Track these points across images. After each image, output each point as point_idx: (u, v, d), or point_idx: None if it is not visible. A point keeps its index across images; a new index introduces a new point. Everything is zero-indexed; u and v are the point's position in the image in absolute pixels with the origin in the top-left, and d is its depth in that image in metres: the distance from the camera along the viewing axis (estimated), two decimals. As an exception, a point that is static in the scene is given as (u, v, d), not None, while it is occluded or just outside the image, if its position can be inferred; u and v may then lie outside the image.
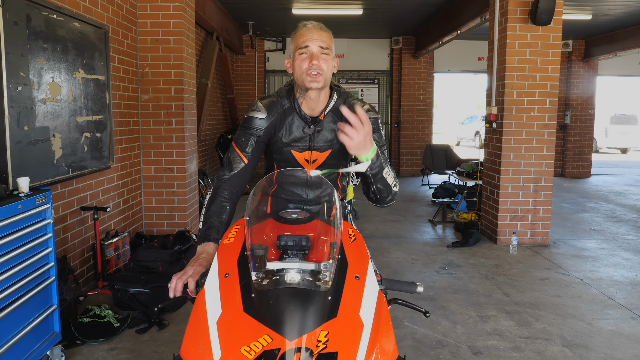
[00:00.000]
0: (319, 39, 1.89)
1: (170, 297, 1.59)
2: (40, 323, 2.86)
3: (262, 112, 1.97)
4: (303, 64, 1.88)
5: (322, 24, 1.95)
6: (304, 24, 1.93)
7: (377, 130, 1.97)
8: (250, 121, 1.97)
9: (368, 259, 1.52)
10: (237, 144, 1.97)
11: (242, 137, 1.98)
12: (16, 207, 2.64)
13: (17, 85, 3.28)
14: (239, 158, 1.95)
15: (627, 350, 3.41)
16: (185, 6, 5.55)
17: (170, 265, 4.38)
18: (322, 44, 1.89)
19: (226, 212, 1.88)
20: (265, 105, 1.99)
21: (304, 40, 1.89)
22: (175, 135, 5.59)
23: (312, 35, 1.88)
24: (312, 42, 1.88)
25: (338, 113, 1.97)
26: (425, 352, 3.34)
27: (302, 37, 1.89)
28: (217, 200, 1.89)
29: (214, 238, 1.77)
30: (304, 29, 1.91)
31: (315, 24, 1.92)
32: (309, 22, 1.94)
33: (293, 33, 1.96)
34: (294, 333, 1.19)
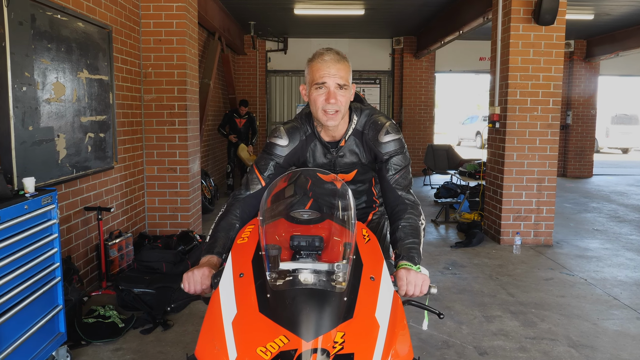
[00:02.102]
0: (337, 74, 1.80)
1: (184, 293, 1.59)
2: (46, 323, 2.85)
3: (284, 140, 1.97)
4: (319, 100, 1.83)
5: (340, 53, 1.86)
6: (321, 55, 1.83)
7: (401, 151, 1.92)
8: (271, 147, 1.98)
9: (383, 259, 1.52)
10: (258, 166, 1.98)
11: (263, 161, 1.98)
12: (22, 208, 2.63)
13: (22, 85, 3.27)
14: (257, 180, 1.95)
15: (634, 351, 3.40)
16: (188, 6, 5.55)
17: (174, 265, 4.37)
18: (340, 80, 1.81)
19: (234, 230, 1.87)
20: (288, 131, 1.98)
21: (321, 75, 1.80)
22: (178, 135, 5.58)
23: (330, 71, 1.80)
24: (329, 79, 1.80)
25: (359, 135, 1.96)
26: (431, 353, 3.33)
27: (319, 72, 1.81)
28: (228, 217, 1.89)
29: (217, 252, 1.77)
30: (322, 62, 1.81)
31: (333, 56, 1.82)
32: (326, 52, 1.84)
33: (309, 60, 1.88)
34: (310, 334, 1.19)
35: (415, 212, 1.88)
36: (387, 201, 1.93)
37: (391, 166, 1.91)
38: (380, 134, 1.89)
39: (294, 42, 12.02)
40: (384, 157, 1.91)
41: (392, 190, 1.90)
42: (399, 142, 1.92)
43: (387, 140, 1.90)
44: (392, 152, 1.91)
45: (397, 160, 1.91)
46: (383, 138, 1.90)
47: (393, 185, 1.90)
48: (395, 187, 1.90)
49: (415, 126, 12.28)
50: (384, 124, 1.93)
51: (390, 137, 1.90)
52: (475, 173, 7.51)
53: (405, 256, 1.73)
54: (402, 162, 1.92)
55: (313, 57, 1.86)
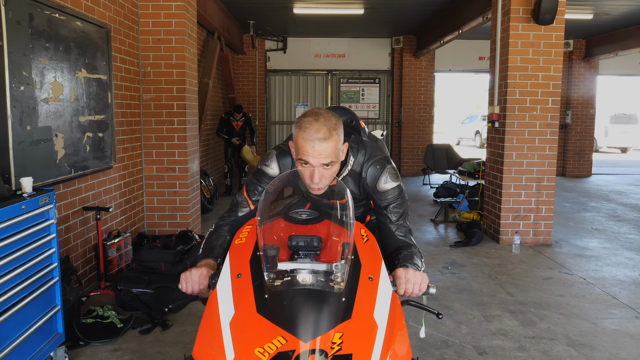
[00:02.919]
0: (322, 154, 1.67)
1: (182, 294, 1.58)
2: (44, 324, 2.84)
3: (275, 169, 1.93)
4: (304, 174, 1.75)
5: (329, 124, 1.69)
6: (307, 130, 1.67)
7: (400, 197, 1.89)
8: (262, 175, 1.95)
9: (381, 259, 1.51)
10: (248, 191, 1.97)
11: (252, 186, 1.96)
12: (20, 208, 2.62)
13: (20, 85, 3.26)
14: (245, 203, 1.95)
15: (633, 350, 3.40)
16: (187, 5, 5.54)
17: (173, 265, 4.37)
18: (325, 160, 1.69)
19: (226, 242, 1.85)
20: (279, 159, 1.93)
21: (305, 154, 1.69)
22: (177, 135, 5.57)
23: (314, 152, 1.67)
24: (314, 159, 1.69)
25: (356, 176, 1.90)
26: (430, 352, 3.33)
27: (303, 150, 1.69)
28: (217, 232, 1.89)
29: (213, 256, 1.76)
30: (306, 142, 1.67)
31: (319, 134, 1.66)
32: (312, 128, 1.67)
33: (297, 126, 1.72)
34: (308, 334, 1.18)
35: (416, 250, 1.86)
36: (387, 242, 1.90)
37: (390, 213, 1.88)
38: (379, 181, 1.85)
39: (294, 41, 12.01)
40: (383, 203, 1.89)
41: (395, 236, 1.89)
42: (398, 188, 1.89)
43: (387, 188, 1.87)
44: (391, 199, 1.88)
45: (397, 208, 1.88)
46: (383, 186, 1.86)
47: (395, 232, 1.89)
48: (398, 235, 1.89)
49: (414, 125, 12.28)
50: (384, 168, 1.88)
51: (390, 185, 1.86)
52: (474, 172, 7.51)
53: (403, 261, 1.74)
54: (401, 209, 1.89)
55: (300, 126, 1.71)
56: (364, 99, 12.48)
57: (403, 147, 12.34)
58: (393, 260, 1.82)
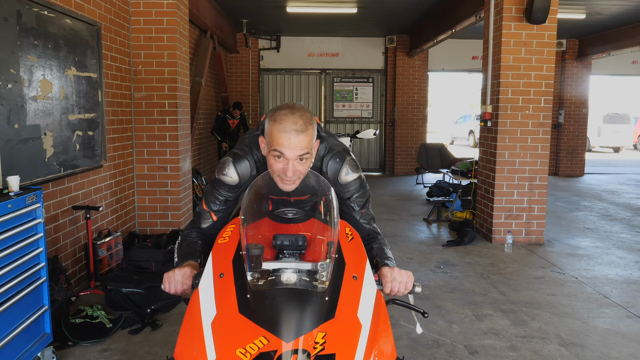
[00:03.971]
0: (298, 146, 1.64)
1: (165, 294, 1.56)
2: (31, 324, 2.81)
3: (233, 178, 1.84)
4: (275, 166, 1.70)
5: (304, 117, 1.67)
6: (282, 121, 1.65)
7: (361, 187, 1.90)
8: (220, 185, 1.87)
9: (366, 258, 1.50)
10: (207, 202, 1.88)
11: (212, 196, 1.88)
12: (6, 207, 2.59)
13: (7, 83, 3.23)
14: (208, 215, 1.88)
15: (623, 349, 3.40)
16: (179, 3, 5.50)
17: (164, 265, 4.34)
18: (301, 151, 1.66)
19: (199, 246, 1.82)
20: (237, 166, 1.84)
21: (280, 145, 1.65)
22: (168, 133, 5.54)
23: (290, 143, 1.64)
24: (289, 152, 1.65)
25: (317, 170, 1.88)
26: (421, 352, 3.32)
27: (278, 141, 1.65)
28: (186, 240, 1.85)
29: (193, 258, 1.73)
30: (282, 133, 1.63)
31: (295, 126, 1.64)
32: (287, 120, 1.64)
33: (270, 119, 1.69)
34: (290, 334, 1.17)
35: (382, 239, 1.91)
36: None
37: (354, 203, 1.91)
38: (340, 174, 1.85)
39: (287, 40, 11.99)
40: (345, 195, 1.90)
41: (360, 225, 1.92)
42: (359, 179, 1.90)
43: (349, 180, 1.87)
44: (353, 190, 1.89)
45: (359, 198, 1.90)
46: (344, 179, 1.86)
47: (360, 221, 1.92)
48: (363, 223, 1.92)
49: (408, 125, 12.29)
50: (344, 160, 1.88)
51: (351, 176, 1.87)
52: (467, 172, 7.51)
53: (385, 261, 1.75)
54: (363, 198, 1.91)
55: (275, 119, 1.67)
56: (357, 98, 12.47)
57: (396, 147, 12.35)
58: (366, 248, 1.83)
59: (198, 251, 1.79)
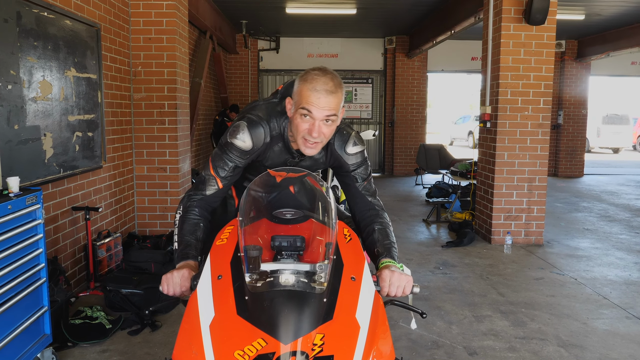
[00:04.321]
0: (327, 106, 1.68)
1: (164, 296, 1.56)
2: (31, 325, 2.81)
3: (247, 142, 1.81)
4: (302, 126, 1.72)
5: (335, 80, 1.71)
6: (314, 81, 1.68)
7: (365, 161, 1.96)
8: (231, 148, 1.82)
9: (364, 259, 1.50)
10: (214, 166, 1.83)
11: (221, 161, 1.83)
12: (6, 208, 2.59)
13: (7, 84, 3.23)
14: (214, 181, 1.83)
15: (623, 350, 3.41)
16: (178, 4, 5.51)
17: (163, 265, 4.34)
18: (329, 112, 1.70)
19: (201, 230, 1.79)
20: (252, 132, 1.82)
21: (309, 104, 1.68)
22: (168, 134, 5.55)
23: (320, 102, 1.67)
24: (318, 111, 1.68)
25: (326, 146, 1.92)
26: (420, 353, 3.32)
27: (308, 99, 1.68)
28: (189, 219, 1.79)
29: (192, 256, 1.70)
30: (313, 92, 1.67)
31: (327, 86, 1.67)
32: (320, 79, 1.68)
33: (301, 79, 1.72)
34: (289, 336, 1.17)
35: (385, 216, 1.96)
36: (357, 207, 1.97)
37: (358, 175, 1.96)
38: (347, 144, 1.91)
39: (286, 41, 11.99)
40: (350, 167, 1.94)
41: (362, 196, 1.96)
42: (363, 153, 1.96)
43: (354, 152, 1.93)
44: (358, 162, 1.94)
45: (363, 171, 1.96)
46: (350, 149, 1.92)
47: (362, 192, 1.96)
48: (365, 194, 1.97)
49: (407, 126, 12.29)
50: (350, 134, 1.94)
51: (357, 148, 1.93)
52: (466, 172, 7.52)
53: (386, 254, 1.77)
54: (366, 172, 1.97)
55: (305, 78, 1.71)
56: (356, 99, 12.48)
57: (396, 147, 12.35)
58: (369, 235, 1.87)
59: (199, 240, 1.76)
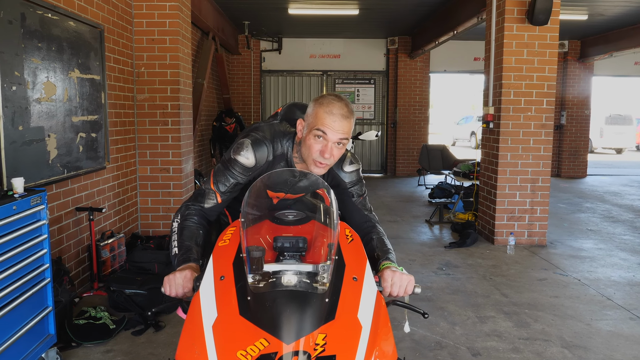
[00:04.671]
0: (341, 129, 1.76)
1: (166, 297, 1.57)
2: (35, 325, 2.82)
3: (250, 160, 1.84)
4: (314, 148, 1.78)
5: (349, 107, 1.80)
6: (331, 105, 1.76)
7: (361, 180, 2.03)
8: (234, 165, 1.85)
9: (366, 259, 1.50)
10: (216, 181, 1.86)
11: (223, 176, 1.86)
12: (10, 208, 2.60)
13: (12, 85, 3.25)
14: (213, 195, 1.85)
15: (627, 351, 3.40)
16: (181, 5, 5.52)
17: (166, 266, 4.36)
18: (343, 135, 1.77)
19: (200, 237, 1.79)
20: (255, 150, 1.85)
21: (325, 126, 1.75)
22: (171, 135, 5.56)
23: (335, 126, 1.75)
24: (333, 134, 1.76)
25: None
26: (424, 354, 3.32)
27: (324, 122, 1.75)
28: (188, 226, 1.80)
29: (194, 259, 1.69)
30: (330, 115, 1.75)
31: (343, 111, 1.76)
32: (337, 104, 1.77)
33: (317, 102, 1.80)
34: (291, 336, 1.18)
35: (381, 229, 2.02)
36: (353, 220, 2.04)
37: (354, 193, 2.03)
38: (344, 163, 1.99)
39: (289, 42, 12.00)
40: (347, 185, 2.02)
41: (359, 210, 2.03)
42: (359, 172, 2.04)
43: (351, 170, 2.01)
44: (354, 181, 2.02)
45: (358, 189, 2.03)
46: (347, 168, 2.00)
47: (359, 207, 2.04)
48: (362, 209, 2.04)
49: (409, 126, 12.29)
50: (346, 154, 2.00)
51: (353, 167, 2.01)
52: (469, 173, 7.51)
53: (386, 257, 1.80)
54: (362, 190, 2.05)
55: (322, 102, 1.79)
56: (359, 100, 12.48)
57: (398, 148, 12.35)
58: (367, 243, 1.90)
59: (199, 245, 1.77)
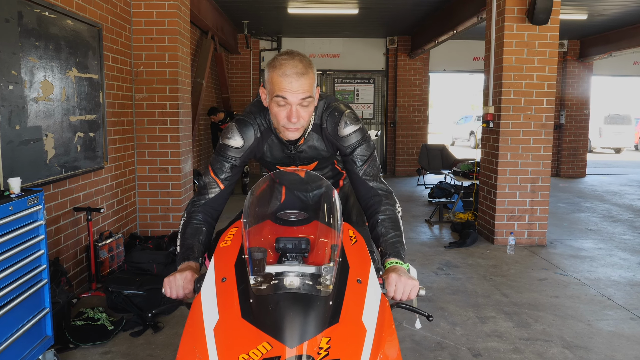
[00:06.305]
0: (300, 89, 1.65)
1: (166, 298, 1.55)
2: (32, 327, 2.79)
3: (238, 140, 1.83)
4: (280, 115, 1.71)
5: (304, 61, 1.69)
6: (283, 66, 1.66)
7: (363, 140, 1.84)
8: (225, 149, 1.85)
9: (370, 261, 1.48)
10: (213, 169, 1.87)
11: (218, 163, 1.86)
12: (7, 209, 2.57)
13: (9, 84, 3.22)
14: (214, 183, 1.85)
15: (628, 352, 3.38)
16: (180, 4, 5.49)
17: (165, 267, 4.33)
18: (303, 94, 1.66)
19: (203, 234, 1.78)
20: (241, 130, 1.84)
21: (282, 90, 1.66)
22: (170, 135, 5.53)
23: (292, 86, 1.65)
24: (291, 95, 1.66)
25: (319, 129, 1.88)
26: (424, 355, 3.30)
27: (280, 86, 1.66)
28: (192, 224, 1.80)
29: (194, 257, 1.69)
30: (283, 77, 1.65)
31: (296, 69, 1.65)
32: (288, 63, 1.66)
33: (270, 66, 1.71)
34: (294, 340, 1.15)
35: (390, 201, 1.83)
36: (359, 194, 1.87)
37: (357, 158, 1.84)
38: (339, 127, 1.82)
39: (288, 41, 11.98)
40: (347, 150, 1.84)
41: (363, 182, 1.84)
42: (360, 132, 1.84)
43: (348, 132, 1.82)
44: (354, 144, 1.83)
45: (362, 151, 1.84)
46: (343, 131, 1.82)
47: (363, 177, 1.84)
48: (366, 179, 1.84)
49: (409, 126, 12.27)
50: (342, 113, 1.84)
51: (350, 128, 1.82)
52: (469, 173, 7.49)
53: (391, 253, 1.68)
54: (366, 152, 1.84)
55: (274, 65, 1.68)
56: (358, 99, 12.46)
57: (398, 148, 12.33)
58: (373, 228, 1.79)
59: (202, 244, 1.76)
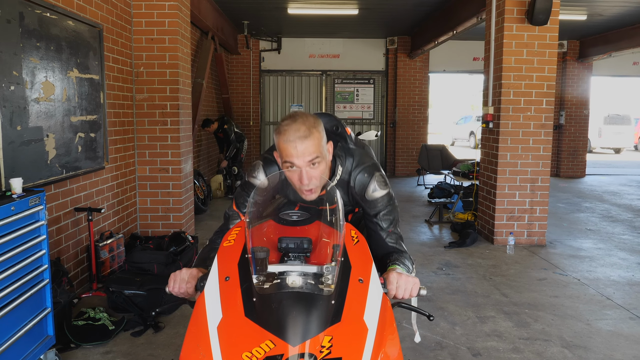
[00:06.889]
0: (305, 152, 1.66)
1: (169, 297, 1.56)
2: (34, 327, 2.80)
3: (263, 182, 1.88)
4: (293, 178, 1.73)
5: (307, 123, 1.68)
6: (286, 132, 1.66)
7: (389, 204, 1.85)
8: (249, 187, 1.92)
9: (371, 261, 1.49)
10: (237, 203, 1.96)
11: (242, 198, 1.95)
12: (9, 209, 2.59)
13: (10, 85, 3.23)
14: (237, 216, 1.95)
15: (627, 351, 3.40)
16: (180, 5, 5.51)
17: (165, 267, 4.33)
18: (310, 156, 1.67)
19: None
20: (266, 169, 1.90)
21: (289, 156, 1.67)
22: (170, 135, 5.54)
23: (297, 152, 1.65)
24: (298, 160, 1.67)
25: (345, 184, 1.87)
26: (424, 354, 3.31)
27: (286, 152, 1.67)
28: (210, 246, 1.89)
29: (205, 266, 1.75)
30: (287, 143, 1.65)
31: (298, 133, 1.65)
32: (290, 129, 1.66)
33: (277, 132, 1.71)
34: (297, 338, 1.16)
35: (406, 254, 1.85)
36: (378, 250, 1.87)
37: (381, 220, 1.86)
38: (368, 190, 1.83)
39: (288, 41, 11.99)
40: (372, 212, 1.86)
41: (385, 244, 1.86)
42: (387, 196, 1.85)
43: (376, 197, 1.84)
44: (380, 207, 1.85)
45: (386, 214, 1.85)
46: (371, 195, 1.83)
47: (386, 240, 1.87)
48: (389, 242, 1.87)
49: (409, 126, 12.28)
50: (372, 176, 1.85)
51: (379, 193, 1.83)
52: (468, 173, 7.51)
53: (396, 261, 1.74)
54: (391, 215, 1.86)
55: (279, 131, 1.70)
56: (358, 100, 12.47)
57: (397, 148, 12.34)
58: (384, 263, 1.82)
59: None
